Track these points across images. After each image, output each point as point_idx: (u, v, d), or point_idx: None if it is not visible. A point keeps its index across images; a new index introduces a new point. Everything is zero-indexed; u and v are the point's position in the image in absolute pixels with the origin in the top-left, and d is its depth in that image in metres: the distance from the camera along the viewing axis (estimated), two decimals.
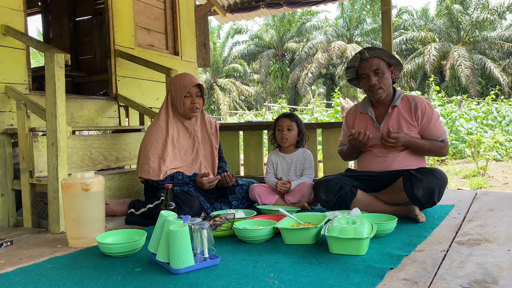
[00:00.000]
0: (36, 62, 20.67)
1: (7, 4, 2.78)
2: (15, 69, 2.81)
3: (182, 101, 2.64)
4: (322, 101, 17.23)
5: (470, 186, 5.84)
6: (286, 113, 2.96)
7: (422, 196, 2.24)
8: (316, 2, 5.19)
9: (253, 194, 2.75)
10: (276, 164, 2.95)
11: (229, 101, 28.33)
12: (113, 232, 1.99)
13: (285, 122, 2.89)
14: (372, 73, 2.43)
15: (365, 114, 2.58)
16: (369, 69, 2.43)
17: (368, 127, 2.53)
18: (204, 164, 2.77)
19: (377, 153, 2.50)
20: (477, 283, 1.38)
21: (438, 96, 10.72)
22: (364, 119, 2.58)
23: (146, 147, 2.62)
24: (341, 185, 2.39)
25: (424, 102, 2.47)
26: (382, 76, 2.43)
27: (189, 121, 2.76)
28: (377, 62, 2.43)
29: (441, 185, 2.28)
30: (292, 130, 2.88)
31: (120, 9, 3.69)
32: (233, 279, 1.49)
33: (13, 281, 1.59)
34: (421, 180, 2.23)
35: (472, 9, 24.70)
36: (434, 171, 2.29)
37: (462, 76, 22.15)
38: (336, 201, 2.39)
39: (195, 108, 2.66)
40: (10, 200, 2.77)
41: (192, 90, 2.65)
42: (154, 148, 2.60)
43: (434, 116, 2.44)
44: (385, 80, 2.44)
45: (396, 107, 2.48)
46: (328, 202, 2.42)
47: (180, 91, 2.64)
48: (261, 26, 30.83)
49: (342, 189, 2.37)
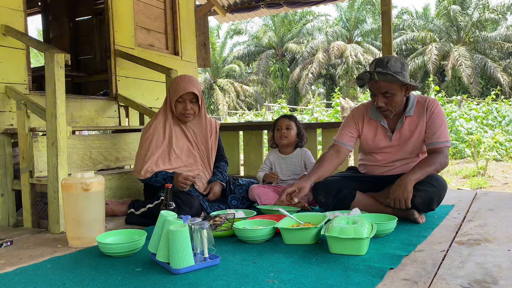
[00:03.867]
0: (36, 62, 20.67)
1: (7, 4, 2.78)
2: (15, 69, 2.81)
3: (174, 105, 2.63)
4: (322, 101, 17.23)
5: (470, 186, 5.84)
6: (285, 115, 3.02)
7: (420, 203, 2.18)
8: (316, 2, 5.19)
9: (253, 194, 2.75)
10: (274, 163, 2.97)
11: (228, 101, 28.32)
12: (113, 232, 1.99)
13: (283, 121, 2.92)
14: (381, 94, 2.27)
15: (375, 121, 2.44)
16: (377, 90, 2.27)
17: (378, 135, 2.43)
18: (201, 166, 2.74)
19: (382, 161, 2.46)
20: (477, 283, 1.38)
21: (438, 96, 10.73)
22: (373, 126, 2.45)
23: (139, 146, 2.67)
24: (339, 187, 2.36)
25: (435, 103, 2.34)
26: (392, 98, 2.26)
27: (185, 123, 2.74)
28: (386, 86, 2.24)
29: (440, 193, 2.22)
30: (291, 129, 2.90)
31: (120, 9, 3.69)
32: (233, 279, 1.49)
33: (13, 281, 1.59)
34: (419, 190, 2.15)
35: (472, 9, 24.70)
36: (433, 179, 2.21)
37: (463, 76, 22.15)
38: (335, 205, 2.37)
39: (187, 114, 2.62)
40: (10, 200, 2.77)
41: (186, 96, 2.60)
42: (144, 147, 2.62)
43: (442, 119, 2.31)
44: (395, 102, 2.28)
45: (408, 116, 2.35)
46: (327, 205, 2.39)
47: (173, 94, 2.62)
48: (261, 27, 30.83)
49: (341, 192, 2.36)
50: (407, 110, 2.35)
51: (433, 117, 2.31)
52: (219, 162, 2.90)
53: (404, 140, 2.39)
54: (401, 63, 2.25)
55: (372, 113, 2.45)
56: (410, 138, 2.37)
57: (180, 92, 2.58)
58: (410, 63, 24.11)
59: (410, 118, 2.36)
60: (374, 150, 2.47)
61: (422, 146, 2.39)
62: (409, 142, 2.38)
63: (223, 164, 2.91)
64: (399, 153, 2.42)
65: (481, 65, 22.88)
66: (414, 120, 2.35)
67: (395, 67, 2.22)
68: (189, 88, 2.59)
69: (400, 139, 2.40)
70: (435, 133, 2.29)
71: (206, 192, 2.65)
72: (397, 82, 2.23)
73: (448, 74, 23.16)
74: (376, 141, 2.44)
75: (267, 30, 30.05)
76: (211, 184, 2.69)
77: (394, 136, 2.39)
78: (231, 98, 28.69)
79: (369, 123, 2.46)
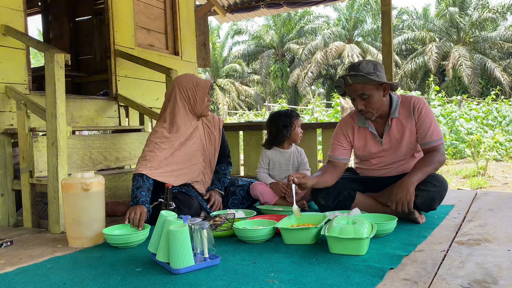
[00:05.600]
0: (36, 62, 20.67)
1: (7, 4, 2.78)
2: (15, 69, 2.81)
3: (203, 100, 2.59)
4: (322, 101, 17.23)
5: (470, 186, 5.84)
6: (296, 112, 2.92)
7: (422, 203, 2.19)
8: (316, 2, 5.19)
9: (255, 192, 2.75)
10: (272, 160, 2.90)
11: (228, 101, 28.33)
12: (119, 226, 2.13)
13: (299, 119, 2.89)
14: (358, 97, 2.26)
15: (363, 128, 2.42)
16: (354, 93, 2.27)
17: (369, 142, 2.43)
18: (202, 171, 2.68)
19: (377, 165, 2.46)
20: (477, 283, 1.38)
21: (438, 96, 10.73)
22: (363, 133, 2.44)
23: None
24: (339, 189, 2.37)
25: (421, 101, 2.33)
26: (369, 99, 2.24)
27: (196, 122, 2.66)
28: (361, 87, 2.22)
29: (441, 193, 2.22)
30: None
31: (120, 9, 3.69)
32: (233, 279, 1.49)
33: (13, 281, 1.59)
34: (421, 190, 2.16)
35: (472, 10, 24.70)
36: (434, 179, 2.21)
37: (464, 76, 22.15)
38: (335, 207, 2.37)
39: (209, 104, 2.66)
40: (10, 200, 2.77)
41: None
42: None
43: (431, 117, 2.30)
44: (373, 103, 2.25)
45: (394, 118, 2.34)
46: (327, 207, 2.38)
47: (201, 89, 2.58)
48: (261, 27, 30.83)
49: (341, 194, 2.36)
50: (392, 112, 2.33)
51: (422, 117, 2.29)
52: (220, 164, 2.84)
53: (395, 143, 2.37)
54: (373, 64, 2.25)
55: (359, 120, 2.43)
56: (401, 140, 2.35)
57: (208, 85, 2.60)
58: (410, 63, 24.10)
59: (396, 119, 2.34)
60: (368, 157, 2.47)
61: (415, 146, 2.38)
62: (401, 144, 2.36)
63: (224, 167, 2.84)
64: (393, 156, 2.41)
65: (481, 65, 22.89)
66: (401, 121, 2.33)
67: (367, 69, 2.21)
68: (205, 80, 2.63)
69: (391, 142, 2.38)
70: (427, 132, 2.28)
71: (206, 198, 2.63)
72: (370, 83, 2.21)
73: (449, 74, 23.16)
74: (367, 148, 2.43)
75: (268, 30, 30.05)
76: (211, 192, 2.65)
77: (384, 140, 2.38)
78: (231, 98, 28.70)
79: (359, 132, 2.44)
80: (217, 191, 2.68)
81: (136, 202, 2.26)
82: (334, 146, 2.49)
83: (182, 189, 2.53)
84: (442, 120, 9.22)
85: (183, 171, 2.56)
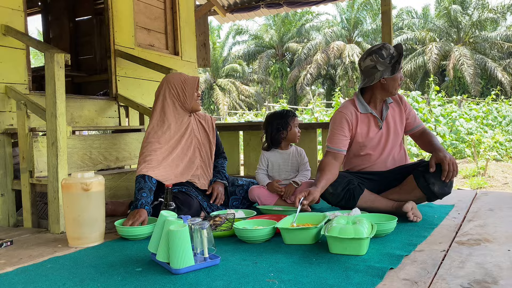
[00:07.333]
0: (36, 62, 20.66)
1: (7, 4, 2.78)
2: (15, 69, 2.81)
3: (192, 95, 2.61)
4: (322, 101, 17.22)
5: (470, 186, 5.84)
6: (293, 112, 2.89)
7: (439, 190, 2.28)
8: (316, 2, 5.19)
9: (253, 195, 2.75)
10: (271, 161, 2.87)
11: (229, 101, 28.33)
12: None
13: (296, 119, 2.86)
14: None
15: (365, 114, 2.53)
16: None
17: (370, 128, 2.52)
18: (201, 165, 2.71)
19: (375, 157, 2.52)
20: (477, 283, 1.38)
21: (438, 96, 10.72)
22: (364, 119, 2.53)
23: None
24: (349, 179, 2.38)
25: (402, 95, 2.64)
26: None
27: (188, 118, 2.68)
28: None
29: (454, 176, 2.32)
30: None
31: (120, 9, 3.69)
32: (233, 279, 1.49)
33: (13, 281, 1.59)
34: (435, 176, 2.25)
35: (472, 9, 24.70)
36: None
37: (466, 76, 22.14)
38: (344, 195, 2.35)
39: (199, 99, 2.68)
40: (10, 200, 2.77)
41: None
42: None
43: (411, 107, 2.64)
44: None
45: (390, 103, 2.58)
46: (335, 195, 2.36)
47: (189, 84, 2.60)
48: (261, 26, 30.84)
49: (351, 183, 2.36)
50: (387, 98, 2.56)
51: (408, 107, 2.60)
52: (217, 159, 2.87)
53: (390, 128, 2.54)
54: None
55: (361, 107, 2.52)
56: (395, 125, 2.54)
57: (195, 79, 2.62)
58: (410, 63, 24.10)
59: (391, 105, 2.57)
60: (367, 144, 2.51)
61: (402, 134, 2.60)
62: (396, 129, 2.54)
63: (221, 161, 2.88)
64: (388, 142, 2.53)
65: (482, 65, 22.89)
66: (394, 108, 2.58)
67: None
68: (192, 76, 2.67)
69: (387, 126, 2.54)
70: (415, 118, 2.61)
71: (209, 193, 2.64)
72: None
73: (450, 74, 23.16)
74: (369, 134, 2.52)
75: (268, 29, 30.04)
76: (213, 185, 2.68)
77: (383, 124, 2.52)
78: (232, 98, 28.70)
79: (361, 119, 2.52)
80: (218, 182, 2.71)
81: (135, 206, 2.28)
82: (336, 136, 2.46)
83: (182, 189, 2.52)
84: (442, 120, 9.21)
85: (183, 167, 2.57)
